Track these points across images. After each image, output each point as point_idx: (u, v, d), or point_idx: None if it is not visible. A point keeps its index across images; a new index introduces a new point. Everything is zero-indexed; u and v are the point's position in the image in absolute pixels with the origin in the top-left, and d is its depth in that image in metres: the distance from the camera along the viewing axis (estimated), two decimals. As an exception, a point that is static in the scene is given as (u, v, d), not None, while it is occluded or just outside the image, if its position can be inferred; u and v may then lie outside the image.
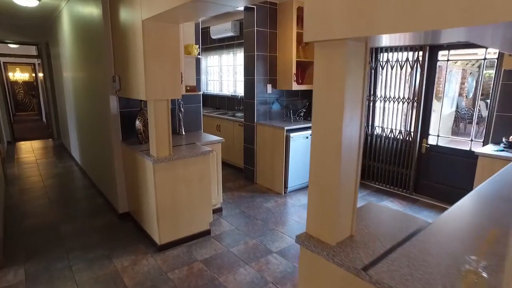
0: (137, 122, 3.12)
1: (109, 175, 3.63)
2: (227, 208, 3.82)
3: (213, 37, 6.06)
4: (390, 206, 3.96)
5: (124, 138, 3.33)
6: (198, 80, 3.78)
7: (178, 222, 2.91)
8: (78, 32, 4.18)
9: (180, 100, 3.61)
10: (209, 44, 6.48)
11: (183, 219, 2.94)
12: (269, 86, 4.50)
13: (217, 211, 3.66)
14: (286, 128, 4.07)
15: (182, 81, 3.22)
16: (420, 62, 3.95)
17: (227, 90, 6.28)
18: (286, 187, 4.28)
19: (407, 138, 4.23)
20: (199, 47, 3.56)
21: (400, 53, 4.14)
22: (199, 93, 3.65)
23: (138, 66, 2.57)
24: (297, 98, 4.93)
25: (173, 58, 2.62)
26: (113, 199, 3.61)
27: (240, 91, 5.95)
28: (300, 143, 4.24)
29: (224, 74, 6.32)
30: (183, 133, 3.66)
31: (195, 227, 3.05)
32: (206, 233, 3.14)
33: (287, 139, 4.11)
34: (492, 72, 3.60)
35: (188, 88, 3.54)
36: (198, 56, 3.51)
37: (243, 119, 4.79)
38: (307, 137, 4.31)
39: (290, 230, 3.31)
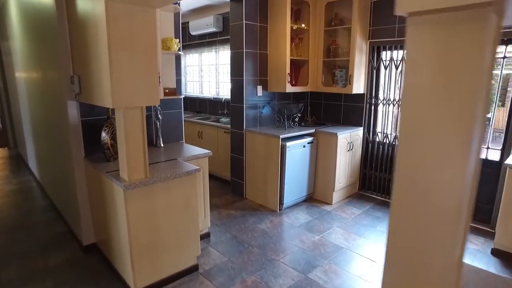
0: (104, 134, 2.48)
1: (70, 199, 2.96)
2: (216, 232, 3.24)
3: (193, 33, 5.45)
4: (400, 222, 3.51)
5: (88, 153, 2.68)
6: (179, 82, 3.18)
7: (159, 260, 2.31)
8: (28, 22, 3.46)
9: (157, 106, 2.99)
10: (188, 41, 5.85)
11: (165, 256, 2.34)
12: (259, 88, 3.96)
13: (204, 237, 3.08)
14: (281, 136, 3.53)
15: (159, 82, 2.62)
16: (430, 60, 3.53)
17: (209, 92, 5.68)
18: (281, 203, 3.75)
19: (414, 145, 3.80)
20: (179, 42, 2.96)
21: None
22: (180, 97, 3.05)
23: (101, 64, 1.96)
24: (290, 101, 4.42)
25: (149, 54, 2.03)
26: (76, 227, 2.95)
27: (224, 94, 5.37)
28: (297, 153, 3.73)
29: (205, 74, 5.72)
30: (161, 145, 3.05)
31: (180, 264, 2.46)
32: (193, 269, 2.56)
33: (283, 149, 3.58)
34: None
35: (167, 91, 2.94)
36: (179, 53, 2.92)
37: (229, 125, 4.22)
38: (304, 146, 3.80)
39: (294, 260, 2.77)
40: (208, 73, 5.64)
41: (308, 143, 3.84)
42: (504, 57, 3.23)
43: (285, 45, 3.75)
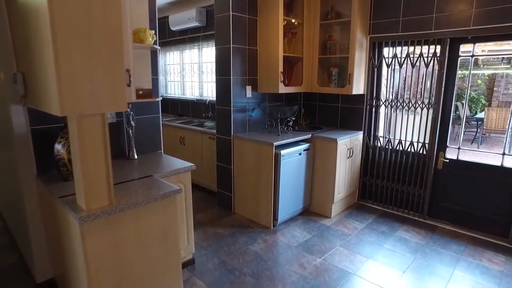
0: (58, 147, 1.98)
1: (21, 225, 2.43)
2: (202, 257, 2.77)
3: (173, 28, 4.95)
4: (407, 237, 3.14)
5: (42, 170, 2.17)
6: (156, 81, 2.70)
7: (129, 306, 1.83)
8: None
9: (129, 111, 2.50)
10: (168, 38, 5.35)
11: (137, 301, 1.86)
12: (248, 89, 3.51)
13: (188, 264, 2.61)
14: (275, 143, 3.10)
15: (130, 82, 2.14)
16: (438, 57, 3.18)
17: (191, 94, 5.19)
18: (275, 218, 3.32)
19: (420, 151, 3.45)
20: (155, 34, 2.49)
21: (412, 47, 3.34)
22: (157, 99, 2.57)
23: (44, 58, 1.46)
24: (283, 102, 3.99)
25: (113, 46, 1.55)
26: (30, 260, 2.42)
27: (208, 95, 4.90)
28: (292, 161, 3.30)
29: (187, 74, 5.23)
30: (135, 157, 2.56)
31: (156, 307, 1.98)
32: (174, 310, 2.09)
33: (277, 158, 3.14)
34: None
35: (141, 92, 2.45)
36: (155, 47, 2.44)
37: (214, 130, 3.75)
38: (299, 154, 3.37)
39: (295, 293, 2.35)
40: (190, 73, 5.15)
41: (304, 150, 3.42)
42: (472, 56, 2.95)
43: (277, 40, 3.31)
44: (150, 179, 2.08)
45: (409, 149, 3.52)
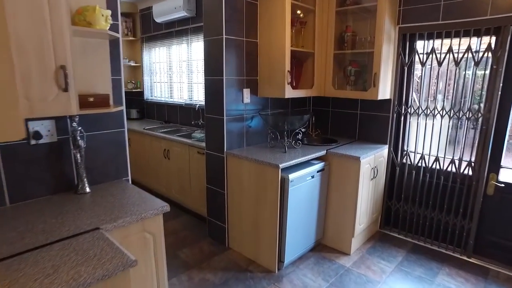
0: None
1: None
2: (181, 325, 2.03)
3: (158, 20, 4.20)
4: (453, 287, 2.41)
5: None
6: (119, 84, 1.96)
7: None
8: None
9: (75, 125, 1.75)
10: (153, 32, 4.59)
11: None
12: (246, 92, 2.77)
13: None
14: (281, 165, 2.35)
15: (67, 85, 1.41)
16: (494, 52, 2.45)
17: (180, 97, 4.44)
18: (281, 260, 2.57)
19: (465, 172, 2.72)
20: (115, 16, 1.75)
21: (455, 40, 2.61)
22: (119, 108, 1.82)
23: None
24: (288, 109, 3.25)
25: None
26: None
27: (198, 98, 4.15)
28: (303, 187, 2.56)
29: (174, 73, 4.48)
30: (87, 190, 1.81)
31: None
32: None
33: (284, 184, 2.40)
34: None
35: (92, 99, 1.70)
36: (114, 34, 1.69)
37: (203, 143, 3.01)
38: (312, 177, 2.63)
39: None
40: (178, 72, 4.40)
41: (317, 171, 2.68)
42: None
43: (283, 30, 2.58)
44: (92, 238, 1.33)
45: (449, 169, 2.78)
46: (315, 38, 2.92)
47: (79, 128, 1.76)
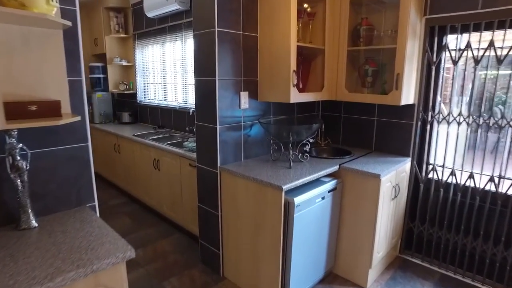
0: None
1: None
2: None
3: (150, 15, 3.79)
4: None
5: None
6: (78, 86, 1.54)
7: None
8: None
9: (13, 141, 1.33)
10: (146, 28, 4.19)
11: None
12: (244, 96, 2.35)
13: None
14: (285, 187, 1.91)
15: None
16: (547, 48, 1.99)
17: (174, 99, 4.02)
18: (284, 297, 2.14)
19: (508, 192, 2.26)
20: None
21: (498, 32, 2.15)
22: (73, 119, 1.40)
23: None
24: (294, 115, 2.82)
25: None
26: None
27: (193, 102, 3.72)
28: (312, 212, 2.12)
29: (168, 73, 4.06)
30: (33, 224, 1.39)
31: None
32: None
33: (289, 209, 1.97)
34: None
35: (35, 108, 1.29)
36: (61, 22, 1.27)
37: (195, 154, 2.58)
38: (322, 198, 2.19)
39: None
40: (172, 72, 3.98)
41: (329, 191, 2.24)
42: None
43: (288, 23, 2.15)
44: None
45: (487, 187, 2.33)
46: (326, 33, 2.49)
47: (19, 145, 1.34)
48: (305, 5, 2.47)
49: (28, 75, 1.33)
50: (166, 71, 4.07)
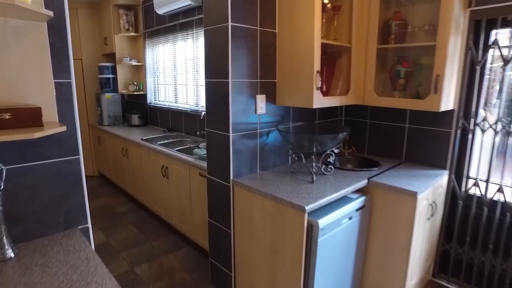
0: None
1: None
2: None
3: (160, 11, 3.58)
4: None
5: None
6: (67, 90, 1.31)
7: None
8: None
9: (-16, 157, 1.11)
10: (156, 26, 3.98)
11: None
12: (260, 100, 2.08)
13: None
14: (308, 208, 1.64)
15: None
16: None
17: (185, 101, 3.80)
18: (305, 332, 1.86)
19: None
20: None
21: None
22: (59, 128, 1.17)
23: None
24: (315, 121, 2.54)
25: None
26: None
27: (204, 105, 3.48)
28: (338, 234, 1.84)
29: (179, 74, 3.84)
30: (8, 254, 1.17)
31: None
32: None
33: (312, 233, 1.69)
34: None
35: (8, 116, 1.06)
36: (44, 13, 1.04)
37: (206, 163, 2.33)
38: (349, 218, 1.91)
39: None
40: (183, 72, 3.76)
41: (356, 210, 1.95)
42: None
43: (311, 17, 1.87)
44: None
45: (541, 208, 2.00)
46: (352, 29, 2.20)
47: (-8, 161, 1.12)
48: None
49: (1, 76, 1.10)
50: (177, 71, 3.84)
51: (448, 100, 2.09)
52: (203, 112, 3.32)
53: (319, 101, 2.00)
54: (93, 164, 4.95)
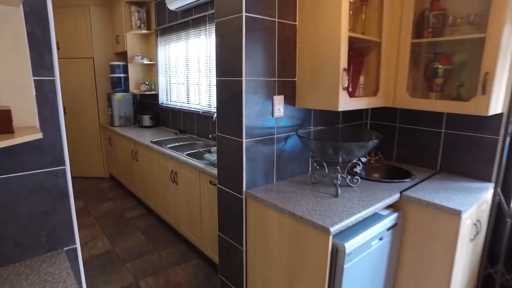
0: None
1: None
2: None
3: (172, 7, 3.39)
4: None
5: None
6: (51, 88, 1.11)
7: None
8: None
9: None
10: (168, 23, 3.80)
11: None
12: (278, 101, 1.84)
13: None
14: (333, 229, 1.39)
15: None
16: None
17: (198, 102, 3.59)
18: None
19: None
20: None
21: None
22: (34, 135, 0.97)
23: None
24: (339, 125, 2.28)
25: None
26: None
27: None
28: (366, 258, 1.58)
29: (191, 73, 3.64)
30: (-26, 286, 0.98)
31: None
32: None
33: (337, 257, 1.44)
34: None
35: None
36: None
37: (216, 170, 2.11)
38: (380, 239, 1.64)
39: None
40: (196, 71, 3.56)
41: (387, 229, 1.68)
42: None
43: (338, 7, 1.62)
44: None
45: None
46: (383, 21, 1.94)
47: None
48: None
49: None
50: (189, 70, 3.64)
51: (498, 103, 1.80)
52: (215, 113, 3.10)
53: (345, 103, 1.74)
54: (104, 166, 4.82)
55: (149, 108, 4.59)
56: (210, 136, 3.32)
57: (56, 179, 1.17)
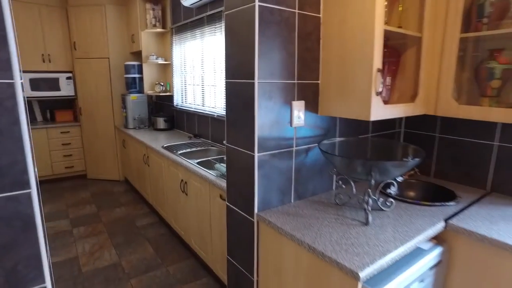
0: None
1: None
2: None
3: (186, 3, 3.17)
4: None
5: None
6: (10, 94, 0.88)
7: None
8: None
9: None
10: (184, 20, 3.59)
11: None
12: (297, 107, 1.56)
13: None
14: (363, 274, 1.09)
15: None
16: None
17: (213, 104, 3.36)
18: None
19: None
20: None
21: None
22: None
23: None
24: (368, 134, 1.97)
25: None
26: None
27: (233, 108, 3.01)
28: (402, 303, 1.28)
29: (206, 73, 3.41)
30: None
31: None
32: None
33: (368, 310, 1.15)
34: None
35: None
36: None
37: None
38: (422, 281, 1.33)
39: None
40: (211, 72, 3.32)
41: (430, 268, 1.37)
42: None
43: (371, -7, 1.33)
44: None
45: None
46: (425, 12, 1.62)
47: None
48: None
49: None
50: (204, 71, 3.42)
51: None
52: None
53: (379, 112, 1.44)
54: (119, 169, 4.69)
55: (164, 110, 4.41)
56: (224, 141, 3.08)
57: (18, 206, 0.95)
